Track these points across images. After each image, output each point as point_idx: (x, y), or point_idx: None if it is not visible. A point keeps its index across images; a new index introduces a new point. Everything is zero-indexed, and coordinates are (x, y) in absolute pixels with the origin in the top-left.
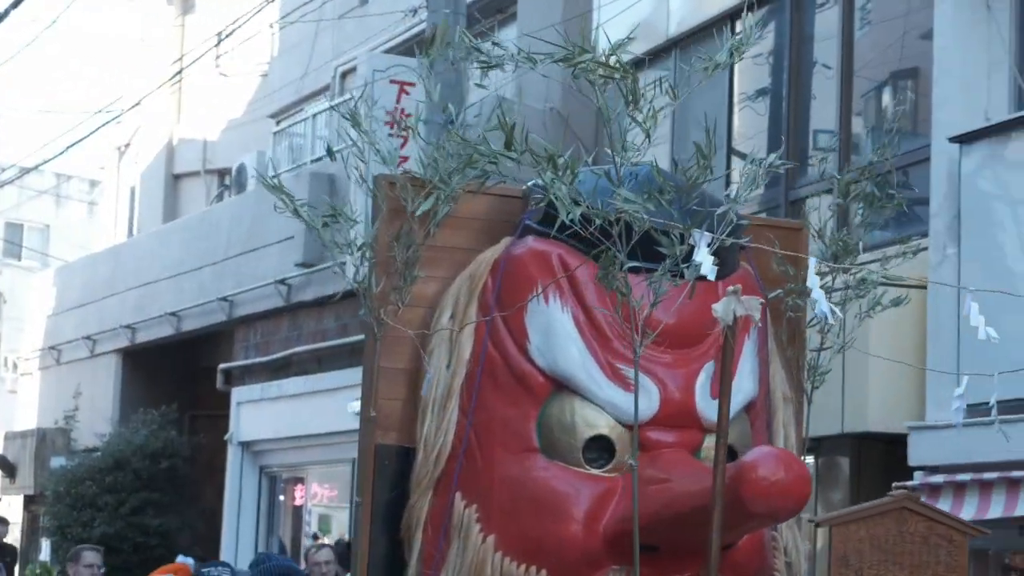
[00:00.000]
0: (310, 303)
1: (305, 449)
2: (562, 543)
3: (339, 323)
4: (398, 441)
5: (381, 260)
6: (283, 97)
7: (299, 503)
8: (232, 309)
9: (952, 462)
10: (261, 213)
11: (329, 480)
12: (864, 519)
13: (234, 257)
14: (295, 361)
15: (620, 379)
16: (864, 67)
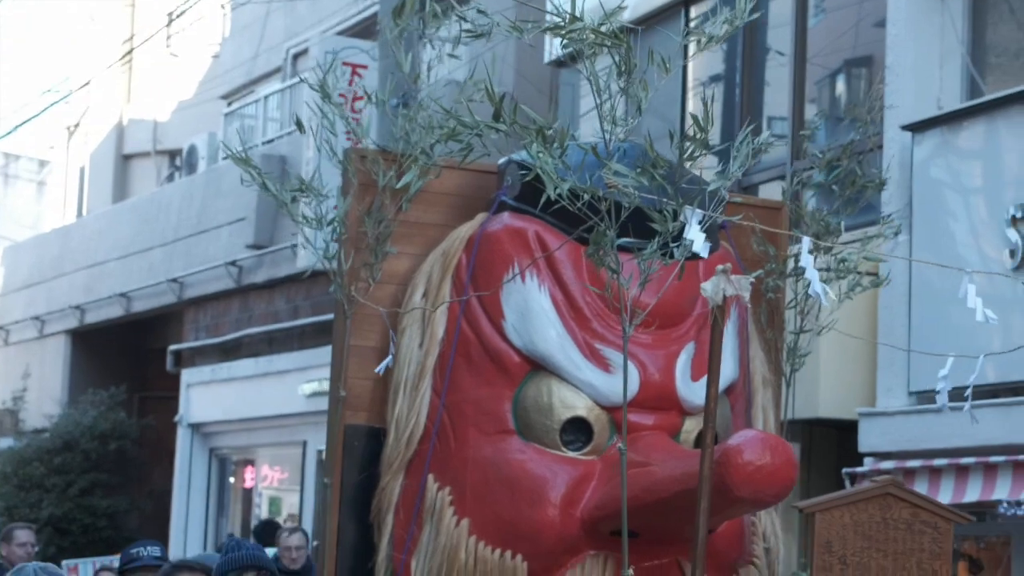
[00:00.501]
0: (261, 285)
1: (255, 431)
2: (538, 528)
3: (290, 305)
4: (368, 421)
5: (351, 235)
6: (234, 78)
7: (249, 485)
8: (182, 290)
9: (902, 449)
10: (211, 194)
11: (279, 462)
12: (848, 505)
13: (184, 238)
14: (246, 343)
15: (599, 360)
16: (817, 54)
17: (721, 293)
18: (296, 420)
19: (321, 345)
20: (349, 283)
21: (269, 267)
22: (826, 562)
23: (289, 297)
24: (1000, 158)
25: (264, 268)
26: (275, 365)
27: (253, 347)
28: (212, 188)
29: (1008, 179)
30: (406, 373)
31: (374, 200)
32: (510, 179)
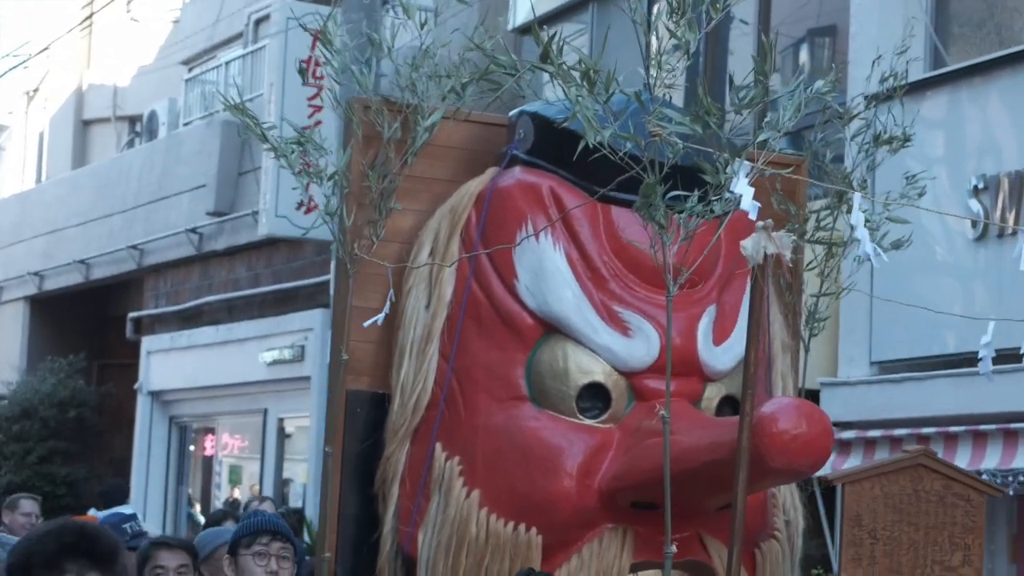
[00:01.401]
0: (221, 252)
1: (216, 399)
2: (554, 499)
3: (251, 273)
4: (371, 386)
5: (354, 190)
6: (195, 44)
7: (209, 454)
8: (142, 257)
9: (863, 418)
10: (172, 161)
11: (240, 431)
12: (878, 476)
13: (144, 205)
14: (206, 310)
15: (617, 323)
16: (782, 23)
17: (762, 251)
18: (256, 388)
19: (282, 313)
20: (352, 241)
21: (230, 234)
22: (855, 536)
23: (250, 265)
24: (962, 128)
25: (225, 235)
26: (235, 333)
27: (213, 315)
28: (173, 154)
29: (970, 150)
30: (412, 336)
31: (378, 153)
32: (522, 131)
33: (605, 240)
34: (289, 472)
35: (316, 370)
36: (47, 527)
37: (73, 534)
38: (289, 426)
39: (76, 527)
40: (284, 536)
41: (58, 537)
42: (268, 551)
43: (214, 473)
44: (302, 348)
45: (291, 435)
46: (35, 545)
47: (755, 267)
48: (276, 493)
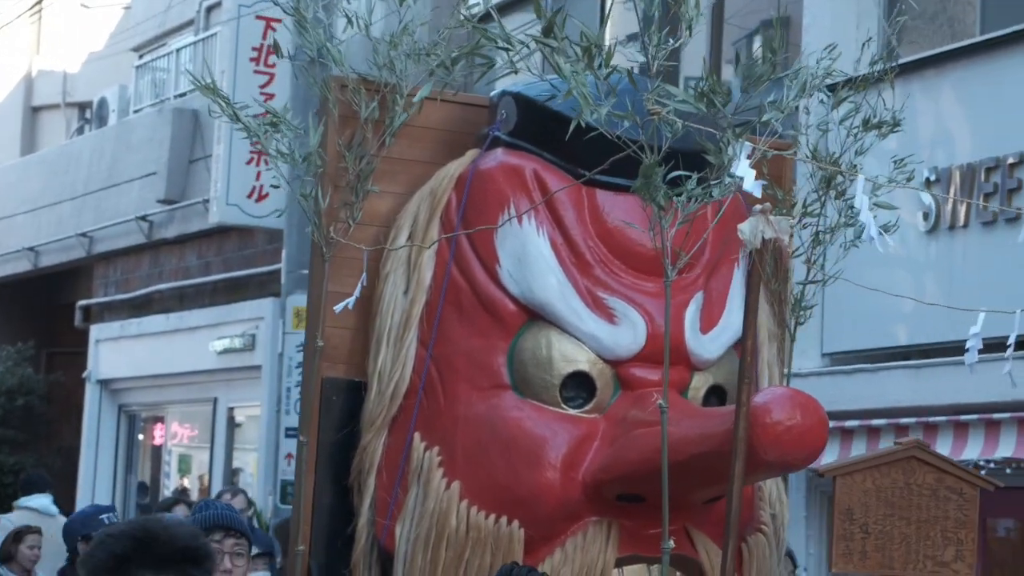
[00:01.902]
0: (172, 240)
1: (165, 388)
2: (537, 491)
3: (202, 261)
4: (347, 374)
5: (330, 172)
6: (146, 30)
7: (158, 443)
8: (92, 245)
9: None
10: (122, 148)
11: (189, 420)
12: (870, 469)
13: (94, 192)
14: (156, 299)
15: (603, 310)
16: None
17: (760, 236)
18: (206, 377)
19: (233, 302)
20: (327, 224)
21: (180, 222)
22: (847, 531)
23: (200, 253)
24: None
25: (175, 223)
26: (186, 321)
27: (163, 303)
28: (123, 142)
29: (922, 142)
30: (390, 322)
31: (354, 134)
32: (504, 112)
33: (590, 224)
34: (239, 461)
35: (267, 359)
36: (111, 530)
37: (131, 542)
38: (239, 415)
39: (140, 533)
40: (238, 531)
41: (113, 545)
42: (221, 548)
43: (163, 462)
44: (253, 337)
45: (241, 424)
46: (96, 549)
47: (752, 252)
48: (226, 483)
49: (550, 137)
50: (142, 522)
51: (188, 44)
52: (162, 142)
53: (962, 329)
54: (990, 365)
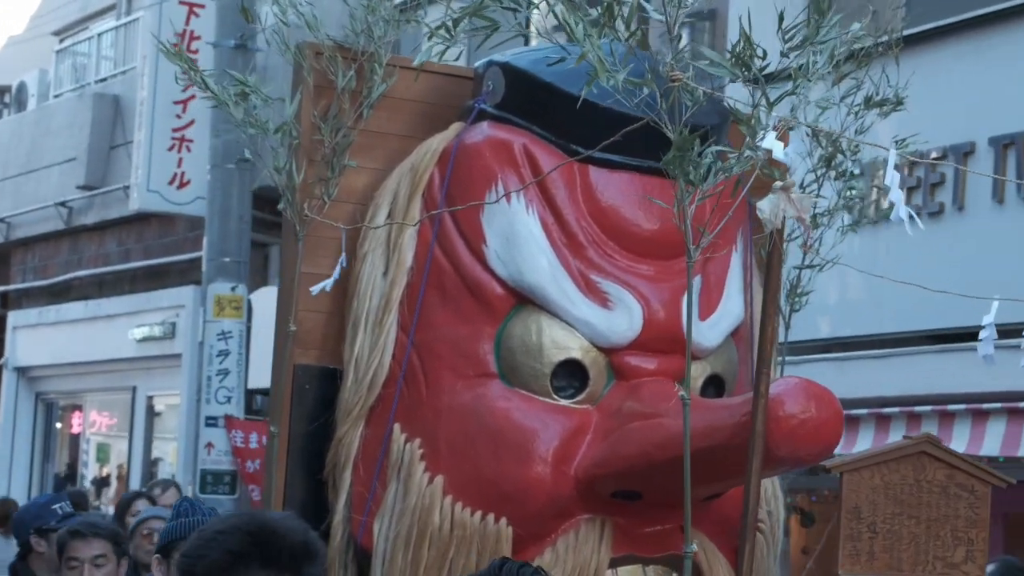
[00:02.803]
0: (91, 227)
1: (84, 376)
2: (526, 487)
3: (122, 248)
4: (321, 361)
5: (305, 144)
6: (67, 14)
7: (76, 431)
8: (9, 231)
9: None
10: (42, 133)
11: (108, 408)
12: (879, 464)
13: (13, 177)
14: (75, 285)
15: (596, 294)
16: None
17: (781, 215)
18: (126, 365)
19: (153, 289)
20: (301, 200)
21: (100, 208)
22: (854, 530)
23: (120, 240)
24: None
25: (95, 209)
26: (105, 309)
27: (82, 290)
28: (42, 127)
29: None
30: (368, 305)
31: (330, 105)
32: (491, 83)
33: (583, 203)
34: (158, 451)
35: (187, 347)
36: (220, 526)
37: (245, 538)
38: (159, 404)
39: (253, 528)
40: None
41: (226, 542)
42: None
43: (81, 451)
44: (173, 325)
45: (161, 413)
46: (202, 548)
47: (772, 231)
48: (145, 472)
49: (541, 110)
50: (250, 517)
51: (110, 29)
52: (82, 127)
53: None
54: None
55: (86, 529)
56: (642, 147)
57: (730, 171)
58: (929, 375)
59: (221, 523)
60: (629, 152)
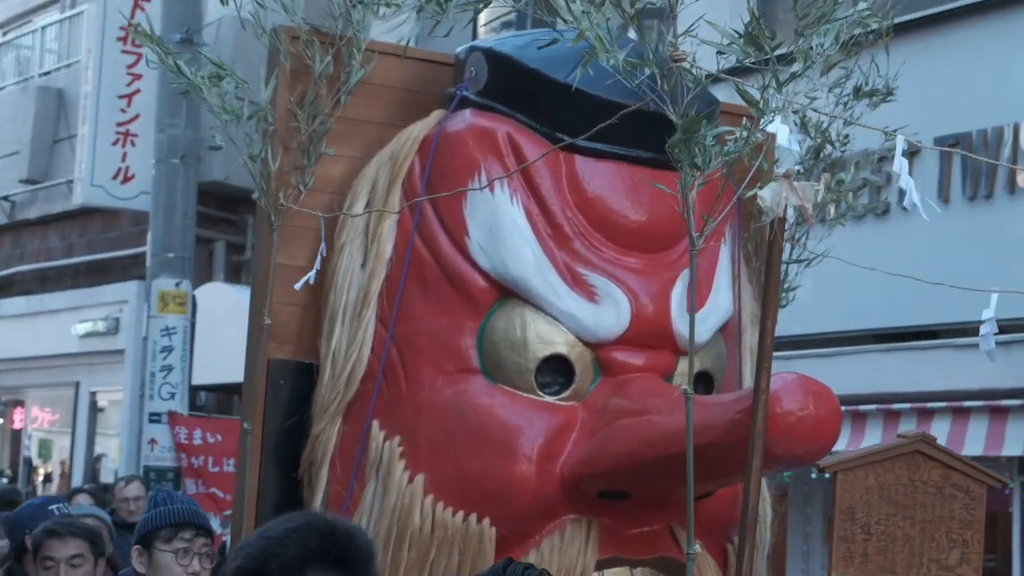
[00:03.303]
0: (34, 221)
1: (26, 371)
2: (510, 486)
3: (64, 243)
4: (295, 355)
5: (280, 131)
6: (11, 7)
7: (18, 427)
8: None
9: None
10: None
11: (50, 404)
12: (872, 464)
13: None
14: (17, 280)
15: (582, 287)
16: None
17: (783, 203)
18: (68, 361)
19: (96, 284)
20: (277, 189)
21: (43, 203)
22: (848, 531)
23: (63, 234)
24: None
25: (38, 204)
26: (47, 304)
27: (25, 285)
28: None
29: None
30: (345, 298)
31: (306, 91)
32: (473, 70)
33: (568, 193)
34: (101, 447)
35: (131, 343)
36: (288, 524)
37: (321, 536)
38: (102, 400)
39: (324, 526)
40: (206, 529)
41: (303, 539)
42: (192, 548)
43: (23, 447)
44: (116, 320)
45: (104, 409)
46: (274, 547)
47: (773, 221)
48: (87, 468)
49: (525, 97)
50: (315, 516)
51: (54, 22)
52: (25, 121)
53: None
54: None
55: (63, 528)
56: (630, 136)
57: (735, 155)
58: (873, 375)
59: (288, 521)
60: (616, 141)
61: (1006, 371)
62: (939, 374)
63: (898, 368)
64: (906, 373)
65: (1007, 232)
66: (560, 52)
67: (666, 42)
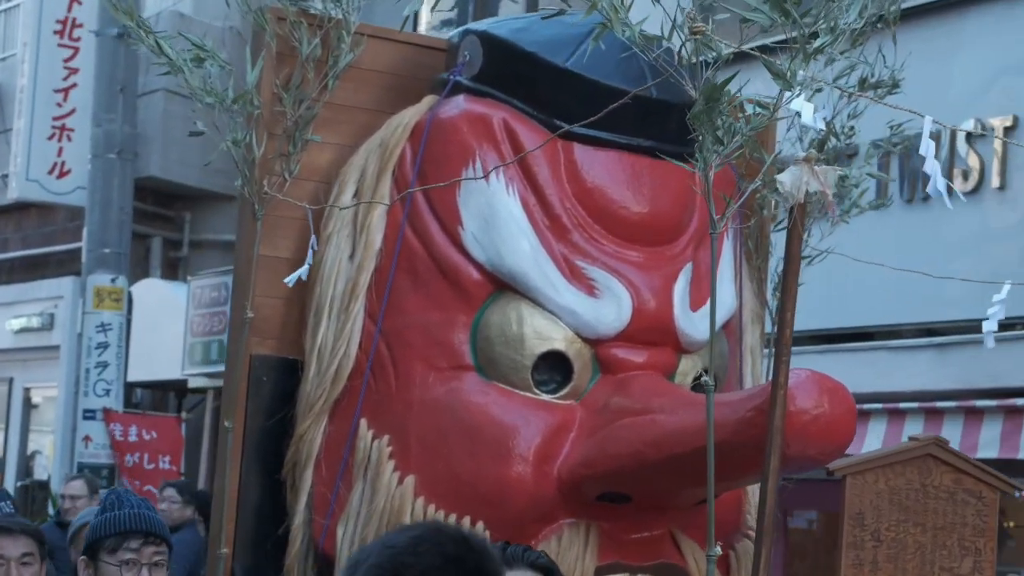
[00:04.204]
0: None
1: None
2: (505, 488)
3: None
4: (279, 351)
5: (266, 117)
6: None
7: None
8: None
9: None
10: None
11: None
12: (883, 467)
13: None
14: None
15: (581, 281)
16: None
17: (803, 188)
18: (2, 356)
19: (31, 280)
20: (261, 177)
21: None
22: (857, 538)
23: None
24: None
25: None
26: None
27: None
28: None
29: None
30: (332, 291)
31: (292, 75)
32: (468, 54)
33: (566, 183)
34: (35, 444)
35: (66, 339)
36: (411, 532)
37: (456, 544)
38: (36, 396)
39: (455, 533)
40: (158, 536)
41: (438, 547)
42: (139, 559)
43: None
44: (51, 316)
45: (38, 406)
46: (405, 556)
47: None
48: (21, 465)
49: (521, 82)
50: (443, 524)
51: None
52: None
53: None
54: None
55: (14, 525)
56: (631, 124)
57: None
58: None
59: (408, 530)
60: (617, 129)
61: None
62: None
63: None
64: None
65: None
66: (558, 35)
67: (684, 13)
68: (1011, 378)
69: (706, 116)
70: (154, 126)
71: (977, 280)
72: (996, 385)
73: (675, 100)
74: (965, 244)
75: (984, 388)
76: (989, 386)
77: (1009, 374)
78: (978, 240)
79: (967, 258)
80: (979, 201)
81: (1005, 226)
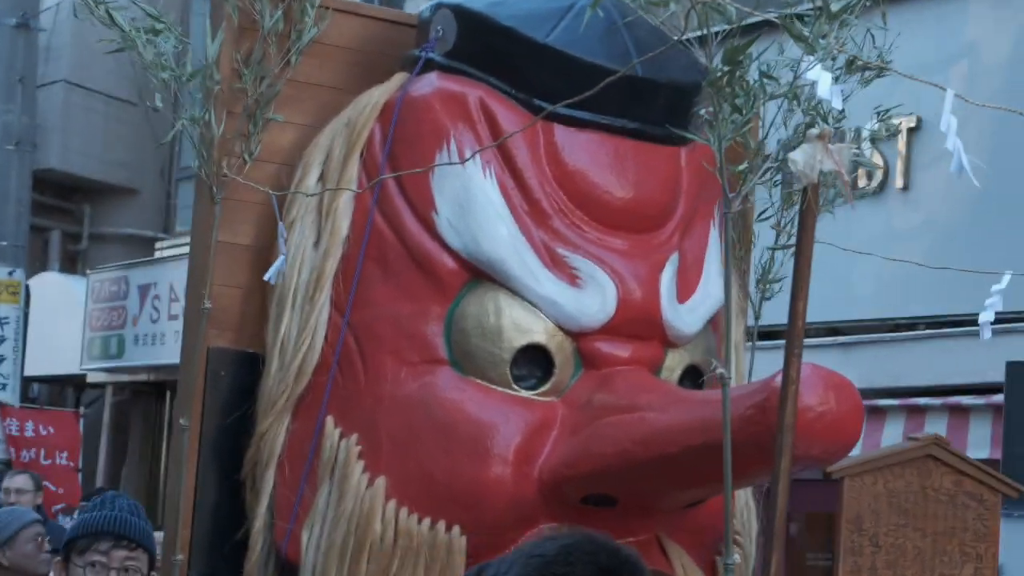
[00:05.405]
0: None
1: None
2: (482, 490)
3: None
4: (238, 344)
5: (225, 93)
6: None
7: None
8: None
9: None
10: None
11: None
12: (882, 469)
13: None
14: None
15: (563, 269)
16: None
17: (817, 168)
18: None
19: None
20: (219, 158)
21: None
22: (855, 543)
23: None
24: None
25: None
26: None
27: None
28: None
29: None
30: (296, 281)
31: (253, 49)
32: (441, 29)
33: (547, 166)
34: None
35: None
36: (561, 541)
37: (608, 555)
38: None
39: (606, 542)
40: (132, 540)
41: (590, 557)
42: (108, 562)
43: None
44: None
45: None
46: (556, 567)
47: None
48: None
49: (499, 58)
50: (584, 532)
51: None
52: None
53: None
54: None
55: None
56: (616, 104)
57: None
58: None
59: (557, 539)
60: (601, 109)
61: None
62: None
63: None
64: None
65: None
66: (538, 8)
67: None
68: (912, 378)
69: (728, 81)
70: (54, 117)
71: (973, 270)
72: (897, 384)
73: (662, 79)
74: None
75: (886, 387)
76: (891, 385)
77: (910, 374)
78: (885, 240)
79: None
80: (883, 201)
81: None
